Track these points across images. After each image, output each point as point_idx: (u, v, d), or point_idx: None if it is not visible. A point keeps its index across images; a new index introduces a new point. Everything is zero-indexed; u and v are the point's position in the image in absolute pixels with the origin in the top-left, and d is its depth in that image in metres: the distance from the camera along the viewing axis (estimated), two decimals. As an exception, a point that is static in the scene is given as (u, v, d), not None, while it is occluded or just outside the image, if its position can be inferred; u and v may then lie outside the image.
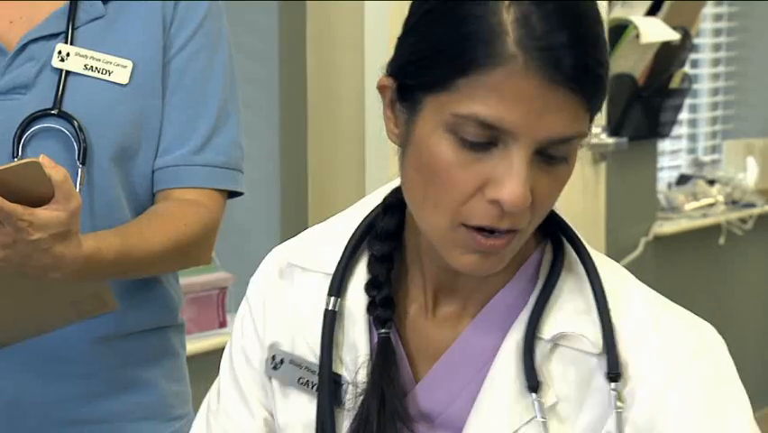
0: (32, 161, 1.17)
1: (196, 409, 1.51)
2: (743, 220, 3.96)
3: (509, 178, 0.94)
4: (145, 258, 1.35)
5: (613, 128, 3.30)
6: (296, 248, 1.12)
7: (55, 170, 1.19)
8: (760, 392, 4.25)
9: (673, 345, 1.01)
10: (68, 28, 1.39)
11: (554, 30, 0.93)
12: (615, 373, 1.00)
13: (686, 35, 3.60)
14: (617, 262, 3.20)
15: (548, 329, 1.02)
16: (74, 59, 1.38)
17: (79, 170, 1.36)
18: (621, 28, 3.37)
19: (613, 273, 1.05)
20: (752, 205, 3.99)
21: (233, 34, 1.49)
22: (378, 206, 1.09)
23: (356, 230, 1.08)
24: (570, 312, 1.03)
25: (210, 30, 1.44)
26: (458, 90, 0.94)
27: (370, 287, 1.06)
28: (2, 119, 1.37)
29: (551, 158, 0.96)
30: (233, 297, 2.48)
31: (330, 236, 1.10)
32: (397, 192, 1.07)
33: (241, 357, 1.12)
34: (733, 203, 3.97)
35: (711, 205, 3.90)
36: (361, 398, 1.04)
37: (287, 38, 2.56)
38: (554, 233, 1.06)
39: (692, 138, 4.20)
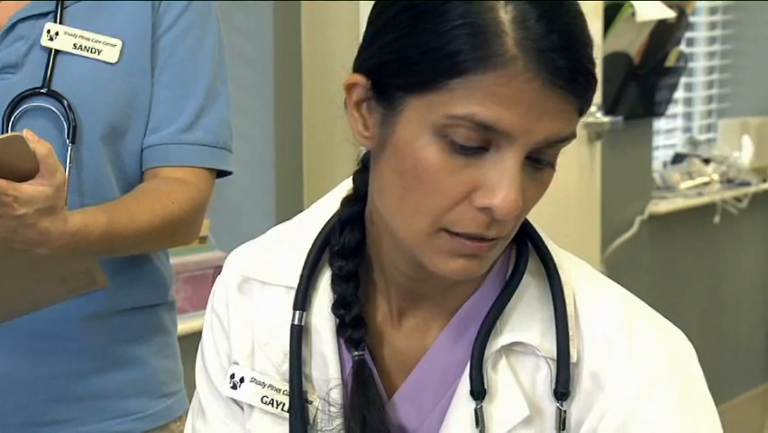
0: (16, 135, 1.17)
1: (187, 387, 1.53)
2: (738, 199, 3.96)
3: (503, 184, 0.91)
4: (132, 235, 1.35)
5: (608, 107, 3.30)
6: (254, 260, 1.07)
7: (39, 144, 1.19)
8: (756, 370, 4.26)
9: (646, 356, 0.99)
10: (58, 7, 1.39)
11: (551, 31, 0.90)
12: (563, 390, 0.98)
13: (682, 13, 3.60)
14: (613, 241, 3.19)
15: (503, 337, 1.00)
16: (63, 38, 1.38)
17: (69, 149, 1.37)
18: (617, 6, 3.36)
19: (586, 278, 1.02)
20: (747, 184, 3.99)
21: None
22: (333, 216, 1.05)
23: (315, 241, 1.04)
24: (528, 320, 1.00)
25: (199, 8, 1.44)
26: (450, 91, 0.90)
27: (338, 306, 1.02)
28: (-9, 98, 1.38)
29: (539, 162, 0.93)
30: (227, 275, 2.48)
31: (289, 246, 1.05)
32: (350, 204, 1.03)
33: (213, 372, 1.08)
34: (728, 182, 3.97)
35: (706, 184, 3.90)
36: (338, 420, 1.01)
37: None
38: (523, 238, 1.03)
39: (688, 117, 4.20)
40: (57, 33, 1.38)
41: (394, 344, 1.03)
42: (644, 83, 3.60)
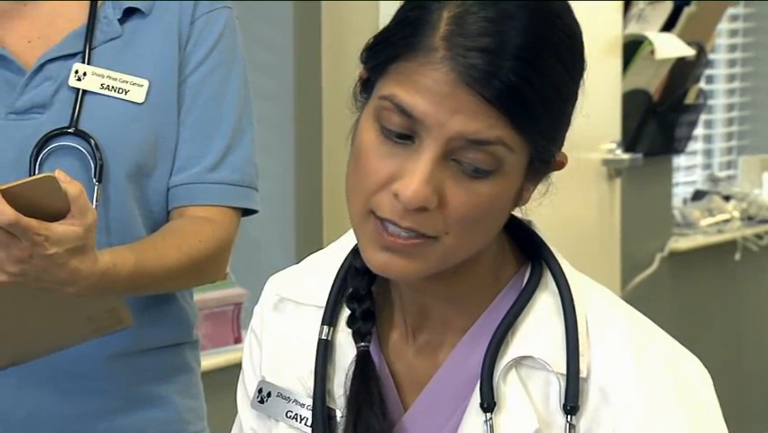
0: (48, 176, 1.18)
1: (210, 425, 1.53)
2: (758, 236, 3.94)
3: (411, 173, 0.94)
4: (160, 274, 1.36)
5: (628, 144, 3.30)
6: (289, 281, 1.12)
7: (71, 185, 1.20)
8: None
9: (653, 381, 1.00)
10: (86, 48, 1.41)
11: (483, 34, 0.93)
12: (572, 405, 0.99)
13: (701, 51, 3.60)
14: (633, 278, 3.19)
15: (513, 351, 1.01)
16: (90, 78, 1.40)
17: (95, 188, 1.38)
18: (636, 44, 3.37)
19: (599, 299, 1.04)
20: (767, 221, 3.98)
21: (247, 49, 1.50)
22: None
23: (343, 263, 1.08)
24: (539, 335, 1.01)
25: (225, 47, 1.45)
26: (388, 75, 0.96)
27: (351, 300, 1.06)
28: (20, 138, 1.39)
29: (471, 169, 0.95)
30: (247, 312, 2.48)
31: (321, 268, 1.10)
32: None
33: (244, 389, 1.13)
34: (749, 219, 3.96)
35: (727, 221, 3.89)
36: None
37: (301, 52, 2.57)
38: (537, 257, 1.05)
39: (708, 154, 4.19)
40: (84, 74, 1.40)
41: (409, 360, 1.06)
42: (663, 120, 3.60)
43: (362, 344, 1.05)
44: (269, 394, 1.09)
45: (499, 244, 1.04)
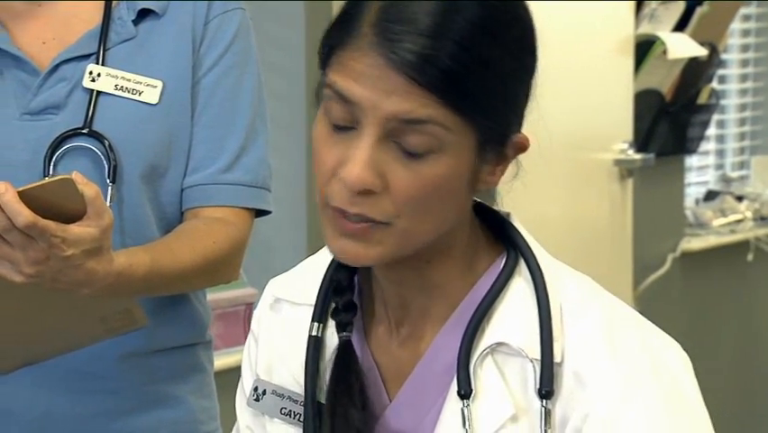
0: (65, 178, 1.18)
1: (224, 425, 1.53)
2: (771, 236, 3.94)
3: (353, 157, 0.96)
4: (174, 275, 1.36)
5: (640, 144, 3.29)
6: (284, 282, 1.14)
7: (87, 187, 1.20)
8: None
9: (627, 360, 1.00)
10: (100, 49, 1.41)
11: (410, 18, 0.96)
12: (547, 389, 1.00)
13: (713, 51, 3.60)
14: (645, 278, 3.18)
15: (488, 338, 1.03)
16: (105, 79, 1.40)
17: (109, 189, 1.38)
18: (648, 44, 3.37)
19: (576, 285, 1.05)
20: (780, 221, 3.97)
21: (259, 49, 1.51)
22: None
23: (332, 259, 1.09)
24: (513, 322, 1.03)
25: (239, 49, 1.45)
26: (331, 65, 0.99)
27: (335, 293, 1.08)
28: (34, 138, 1.39)
29: (411, 150, 0.96)
30: (260, 312, 2.48)
31: (315, 268, 1.11)
32: None
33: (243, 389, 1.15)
34: (761, 219, 3.94)
35: (739, 221, 3.88)
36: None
37: (313, 52, 2.57)
38: (513, 246, 1.06)
39: (720, 154, 4.18)
40: (99, 75, 1.40)
41: (393, 353, 1.07)
42: (675, 120, 3.60)
43: (344, 334, 1.07)
44: (264, 392, 1.11)
45: (473, 234, 1.06)
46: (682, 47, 3.43)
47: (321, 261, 1.12)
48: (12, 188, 1.16)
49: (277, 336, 1.12)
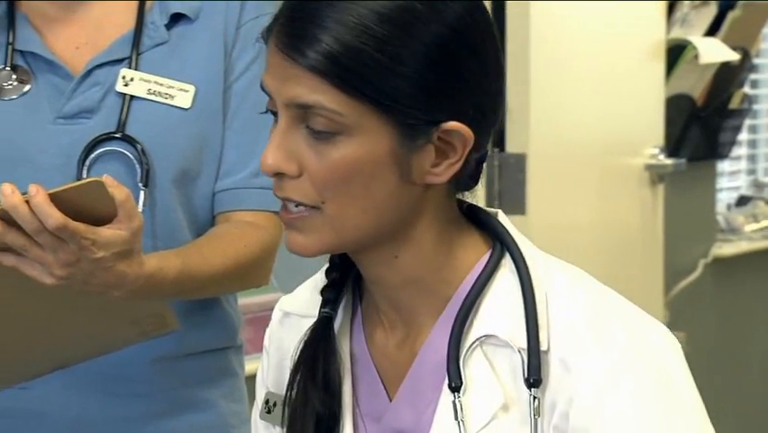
0: (96, 181, 1.19)
1: (254, 429, 1.53)
2: (804, 242, 3.90)
3: (267, 144, 1.02)
4: (205, 278, 1.37)
5: (671, 149, 3.28)
6: (294, 296, 1.17)
7: (118, 190, 1.21)
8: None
9: (611, 345, 1.01)
10: (133, 54, 1.42)
11: (302, 8, 1.00)
12: (535, 378, 1.01)
13: (745, 55, 3.57)
14: (676, 284, 3.15)
15: (476, 331, 1.04)
16: (137, 83, 1.41)
17: (142, 193, 1.39)
18: (680, 48, 3.35)
19: (563, 275, 1.06)
20: (813, 227, 3.94)
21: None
22: None
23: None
24: (500, 313, 1.04)
25: (270, 54, 1.45)
26: None
27: (328, 271, 1.12)
28: (68, 142, 1.40)
29: (316, 133, 1.00)
30: (290, 317, 2.48)
31: (322, 283, 1.13)
32: None
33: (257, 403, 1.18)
34: (794, 225, 3.92)
35: (772, 227, 3.85)
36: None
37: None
38: (500, 241, 1.08)
39: (752, 159, 4.16)
40: (132, 79, 1.41)
41: (392, 355, 1.09)
42: (707, 125, 3.58)
43: (325, 310, 1.10)
44: (275, 404, 1.14)
45: (455, 231, 1.06)
46: (714, 52, 3.41)
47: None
48: (43, 190, 1.16)
49: (285, 348, 1.14)
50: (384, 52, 0.98)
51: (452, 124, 1.01)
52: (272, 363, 1.16)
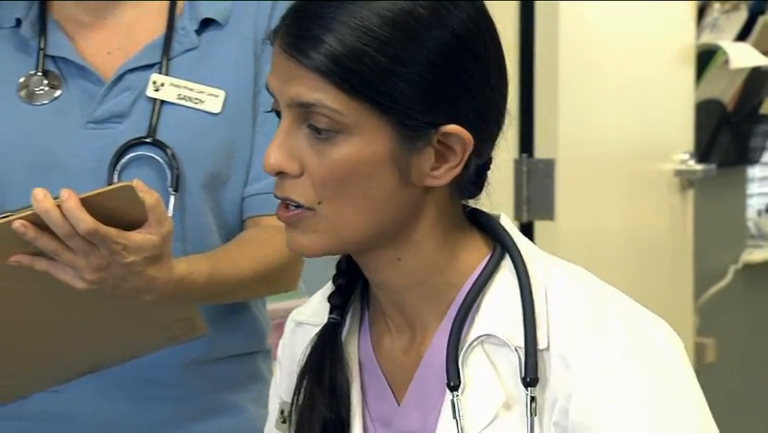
0: (126, 185, 1.20)
1: (282, 433, 1.54)
2: (835, 248, 3.87)
3: (271, 143, 1.03)
4: (235, 283, 1.37)
5: (701, 154, 3.26)
6: (307, 306, 1.18)
7: (148, 194, 1.21)
8: None
9: (609, 341, 1.01)
10: (163, 59, 1.43)
11: (306, 9, 1.01)
12: (531, 377, 1.02)
13: (777, 60, 3.55)
14: (706, 290, 3.13)
15: (476, 330, 1.05)
16: (168, 88, 1.41)
17: (172, 197, 1.39)
18: (710, 53, 3.33)
19: (563, 274, 1.06)
20: None
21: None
22: None
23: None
24: (499, 313, 1.05)
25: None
26: None
27: (335, 277, 1.13)
28: (99, 147, 1.41)
29: (317, 132, 1.00)
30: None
31: (331, 287, 1.14)
32: None
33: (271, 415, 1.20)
34: (825, 231, 3.89)
35: (803, 232, 3.83)
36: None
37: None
38: (501, 242, 1.08)
39: (783, 164, 4.13)
40: (162, 84, 1.42)
41: (399, 360, 1.10)
42: (737, 130, 3.56)
43: (332, 316, 1.11)
44: (290, 414, 1.14)
45: (458, 233, 1.07)
46: (745, 57, 3.39)
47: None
48: (74, 194, 1.17)
49: (297, 358, 1.14)
50: (384, 53, 0.99)
51: (452, 128, 1.01)
52: (285, 372, 1.17)
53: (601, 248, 2.68)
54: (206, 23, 1.45)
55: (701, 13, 3.27)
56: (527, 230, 2.55)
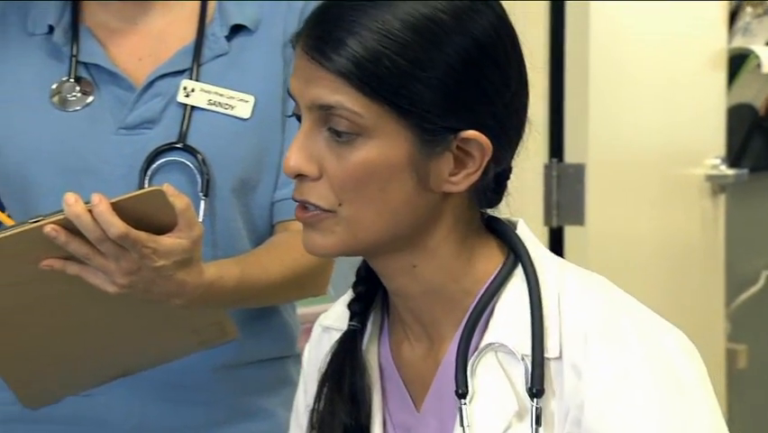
0: (156, 190, 1.20)
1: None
2: None
3: (290, 146, 1.03)
4: (264, 287, 1.38)
5: (733, 159, 3.24)
6: (333, 310, 1.19)
7: (178, 199, 1.22)
8: None
9: (622, 349, 1.01)
10: (194, 65, 1.44)
11: (328, 12, 1.02)
12: (537, 388, 1.02)
13: (809, 64, 3.53)
14: (738, 295, 3.11)
15: (486, 338, 1.05)
16: (198, 94, 1.42)
17: (202, 202, 1.40)
18: (742, 57, 3.32)
19: (576, 282, 1.06)
20: None
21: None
22: None
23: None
24: (510, 321, 1.05)
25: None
26: None
27: (355, 285, 1.14)
28: (130, 152, 1.42)
29: (337, 135, 1.01)
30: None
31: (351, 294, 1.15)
32: None
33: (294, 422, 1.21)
34: None
35: (836, 238, 3.79)
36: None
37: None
38: (513, 250, 1.08)
39: (816, 169, 4.09)
40: (192, 90, 1.43)
41: (418, 367, 1.10)
42: (769, 135, 3.54)
43: (352, 323, 1.11)
44: (311, 420, 1.14)
45: (476, 241, 1.07)
46: (777, 60, 3.37)
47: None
48: (105, 199, 1.18)
49: (322, 363, 1.14)
50: (405, 57, 0.99)
51: (471, 133, 1.02)
52: (310, 380, 1.18)
53: (632, 253, 2.67)
54: (236, 30, 1.46)
55: (733, 16, 3.25)
56: (557, 235, 2.54)
